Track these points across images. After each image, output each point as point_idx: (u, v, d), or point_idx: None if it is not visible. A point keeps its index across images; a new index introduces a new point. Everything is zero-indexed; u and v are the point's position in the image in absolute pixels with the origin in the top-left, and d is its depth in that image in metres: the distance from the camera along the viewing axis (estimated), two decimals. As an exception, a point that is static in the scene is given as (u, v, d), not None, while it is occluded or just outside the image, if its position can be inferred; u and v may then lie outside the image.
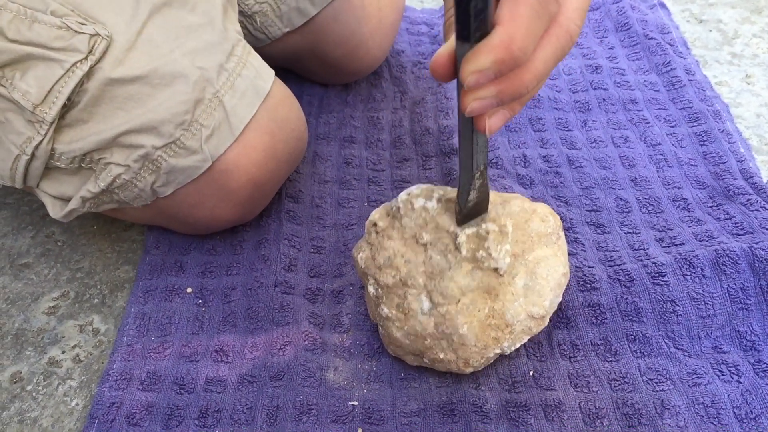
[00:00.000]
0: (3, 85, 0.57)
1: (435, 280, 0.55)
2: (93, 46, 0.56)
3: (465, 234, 0.54)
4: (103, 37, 0.57)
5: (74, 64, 0.56)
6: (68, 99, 0.57)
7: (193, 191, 0.64)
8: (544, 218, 0.58)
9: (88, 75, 0.57)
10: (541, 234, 0.58)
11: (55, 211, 0.65)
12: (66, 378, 0.66)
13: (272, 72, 0.68)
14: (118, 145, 0.59)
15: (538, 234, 0.57)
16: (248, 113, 0.63)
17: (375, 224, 0.60)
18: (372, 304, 0.62)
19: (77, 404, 0.64)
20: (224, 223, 0.70)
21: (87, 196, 0.63)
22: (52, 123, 0.57)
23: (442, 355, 0.58)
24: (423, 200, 0.57)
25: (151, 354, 0.65)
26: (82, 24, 0.56)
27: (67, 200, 0.64)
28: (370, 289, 0.60)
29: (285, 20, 0.82)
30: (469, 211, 0.55)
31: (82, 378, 0.66)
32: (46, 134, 0.58)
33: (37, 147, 0.59)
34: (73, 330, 0.70)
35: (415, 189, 0.58)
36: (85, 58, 0.56)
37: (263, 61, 0.68)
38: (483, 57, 0.39)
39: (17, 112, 0.58)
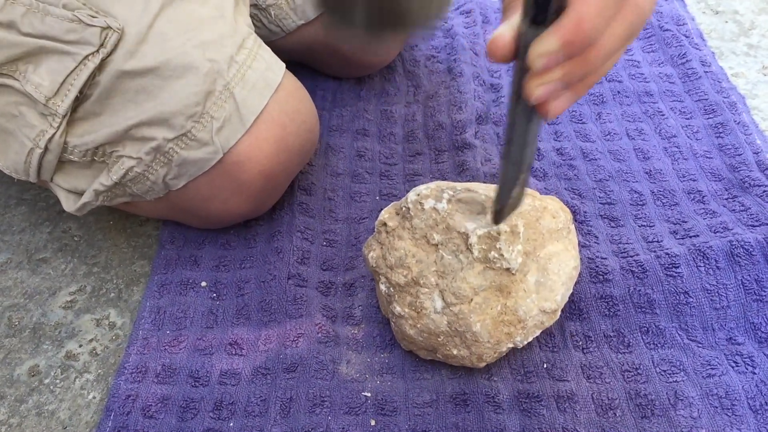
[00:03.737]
0: (16, 78, 0.58)
1: (447, 279, 0.55)
2: (105, 38, 0.57)
3: (476, 235, 0.54)
4: (114, 30, 0.57)
5: (86, 57, 0.57)
6: (80, 92, 0.58)
7: (205, 184, 0.65)
8: (555, 214, 0.58)
9: (100, 67, 0.58)
10: (552, 230, 0.58)
11: (68, 204, 0.66)
12: (83, 371, 0.66)
13: (283, 65, 0.68)
14: (130, 138, 0.60)
15: (549, 230, 0.57)
16: (259, 105, 0.63)
17: (385, 224, 0.60)
18: (384, 301, 0.62)
19: (94, 397, 0.64)
20: (237, 216, 0.71)
21: (100, 190, 0.63)
22: (64, 116, 0.58)
23: (455, 351, 0.58)
24: (433, 201, 0.57)
25: (166, 347, 0.66)
26: (94, 17, 0.57)
27: (81, 194, 0.65)
28: (382, 287, 0.60)
29: (299, 12, 0.82)
30: (510, 207, 0.53)
31: (99, 371, 0.66)
32: (58, 127, 0.59)
33: (50, 140, 0.59)
34: (90, 324, 0.70)
35: (424, 189, 0.58)
36: (97, 50, 0.57)
37: (274, 54, 0.68)
38: (552, 39, 0.37)
39: (30, 105, 0.58)
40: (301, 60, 0.95)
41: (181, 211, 0.71)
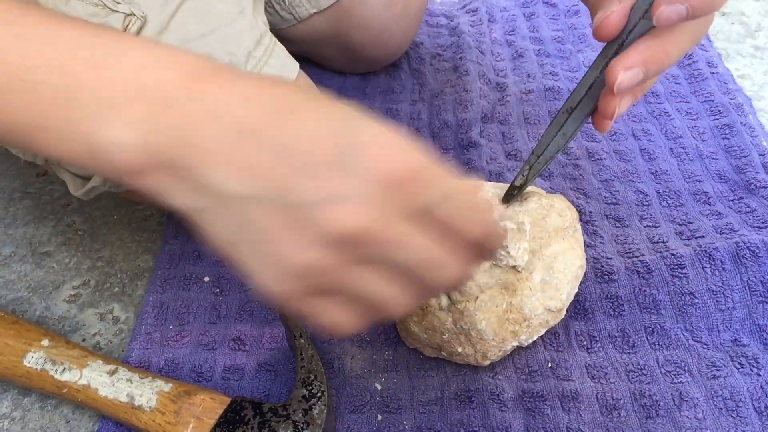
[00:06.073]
0: None
1: (453, 276, 0.55)
2: (127, 25, 0.57)
3: None
4: (137, 17, 0.57)
5: None
6: None
7: None
8: (561, 213, 0.58)
9: None
10: (558, 228, 0.57)
11: (75, 188, 0.65)
12: (86, 365, 0.66)
13: (296, 64, 0.68)
14: None
15: (555, 229, 0.57)
16: None
17: None
18: (389, 297, 0.62)
19: (97, 391, 0.64)
20: None
21: None
22: None
23: (460, 349, 0.58)
24: None
25: (169, 342, 0.66)
26: (118, 2, 0.57)
27: (88, 178, 0.65)
28: (387, 283, 0.60)
29: (313, 1, 0.82)
30: (512, 192, 0.57)
31: (102, 365, 0.66)
32: None
33: None
34: (94, 318, 0.70)
35: None
36: None
37: (288, 53, 0.68)
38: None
39: None
40: (308, 53, 0.95)
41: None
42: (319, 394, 0.56)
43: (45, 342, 0.60)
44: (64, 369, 0.59)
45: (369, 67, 0.95)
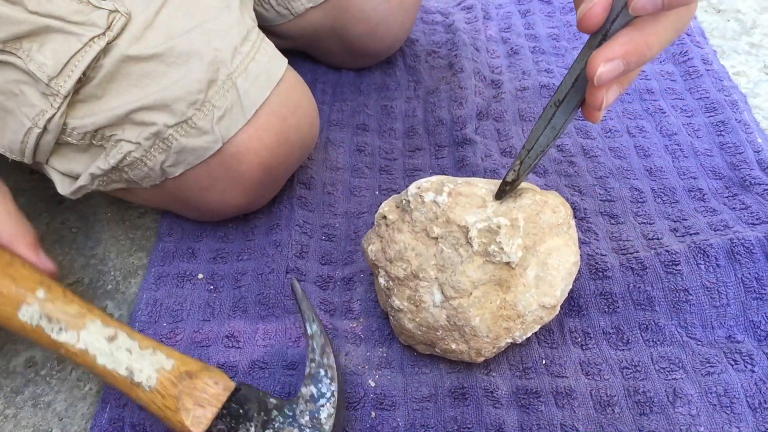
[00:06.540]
0: (20, 57, 0.57)
1: (446, 273, 0.55)
2: (111, 22, 0.57)
3: (476, 228, 0.54)
4: (122, 14, 0.57)
5: (92, 39, 0.57)
6: (83, 74, 0.57)
7: (203, 173, 0.65)
8: (555, 209, 0.58)
9: (105, 51, 0.58)
10: (552, 225, 0.57)
11: (63, 187, 0.65)
12: (79, 362, 0.66)
13: (285, 59, 0.68)
14: (130, 122, 0.60)
15: (549, 225, 0.57)
16: (261, 97, 0.63)
17: (384, 217, 0.60)
18: (383, 295, 0.62)
19: (90, 389, 0.64)
20: (234, 208, 0.70)
21: (96, 173, 0.63)
22: (66, 96, 0.58)
23: (454, 346, 0.57)
24: (433, 194, 0.57)
25: (163, 339, 0.66)
26: None
27: (76, 177, 0.65)
28: (381, 280, 0.60)
29: None
30: (504, 188, 0.57)
31: (95, 363, 0.66)
32: (59, 108, 0.58)
33: (49, 120, 0.59)
34: (87, 315, 0.70)
35: (424, 182, 0.58)
36: (103, 33, 0.57)
37: (276, 49, 0.68)
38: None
39: (32, 84, 0.58)
40: (305, 47, 0.94)
41: (178, 201, 0.70)
42: (328, 395, 0.53)
43: (40, 293, 0.55)
44: (60, 329, 0.54)
45: (367, 61, 0.95)
